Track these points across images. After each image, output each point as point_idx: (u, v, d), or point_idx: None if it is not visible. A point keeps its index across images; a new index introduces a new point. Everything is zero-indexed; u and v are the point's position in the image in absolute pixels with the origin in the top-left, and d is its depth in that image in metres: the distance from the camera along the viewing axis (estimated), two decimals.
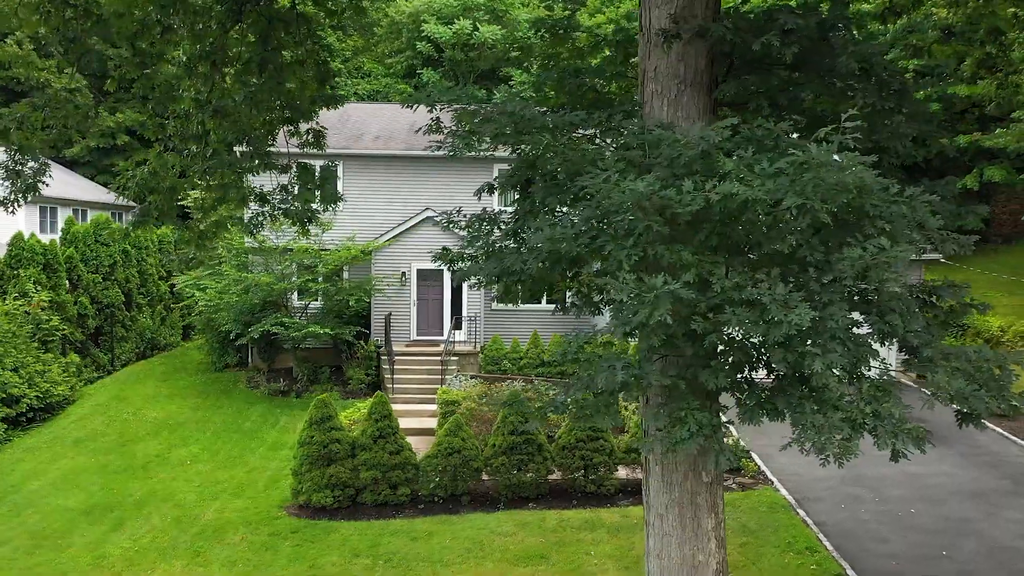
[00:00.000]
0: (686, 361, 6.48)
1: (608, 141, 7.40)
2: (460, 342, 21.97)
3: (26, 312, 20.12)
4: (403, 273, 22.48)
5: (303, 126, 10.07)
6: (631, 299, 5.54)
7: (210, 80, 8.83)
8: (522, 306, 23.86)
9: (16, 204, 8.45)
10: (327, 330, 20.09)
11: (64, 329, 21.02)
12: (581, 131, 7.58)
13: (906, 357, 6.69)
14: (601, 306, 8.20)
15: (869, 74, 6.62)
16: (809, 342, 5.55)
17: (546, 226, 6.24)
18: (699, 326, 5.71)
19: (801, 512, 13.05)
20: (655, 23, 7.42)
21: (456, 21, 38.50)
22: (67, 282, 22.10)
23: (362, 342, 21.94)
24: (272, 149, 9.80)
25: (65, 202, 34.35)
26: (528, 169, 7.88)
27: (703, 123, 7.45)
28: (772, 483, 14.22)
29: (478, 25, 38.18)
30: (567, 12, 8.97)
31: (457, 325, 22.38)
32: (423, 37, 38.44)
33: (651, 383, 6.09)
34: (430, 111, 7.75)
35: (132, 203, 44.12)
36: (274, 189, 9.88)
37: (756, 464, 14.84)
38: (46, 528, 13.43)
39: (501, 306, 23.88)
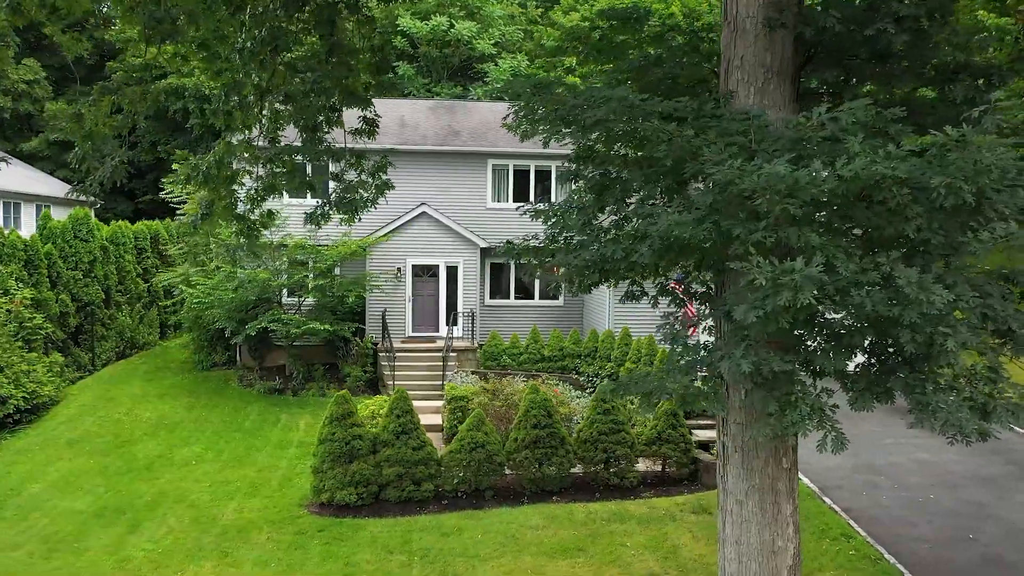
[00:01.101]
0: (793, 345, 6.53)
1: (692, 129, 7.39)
2: (457, 338, 21.82)
3: (8, 310, 19.35)
4: (398, 269, 22.25)
5: (352, 114, 9.87)
6: (769, 282, 5.55)
7: (270, 67, 8.59)
8: (515, 302, 23.88)
9: (94, 195, 8.20)
10: (327, 326, 19.76)
11: (48, 328, 20.27)
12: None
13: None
14: (710, 294, 8.11)
15: (967, 65, 6.76)
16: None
17: (664, 212, 6.22)
18: (829, 309, 5.75)
19: (827, 500, 13.29)
20: (743, 11, 7.45)
21: (432, 17, 38.25)
22: (47, 279, 21.31)
23: (357, 339, 21.65)
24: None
25: (27, 197, 33.21)
26: (606, 158, 7.87)
27: (790, 112, 7.54)
28: None
29: (454, 22, 37.98)
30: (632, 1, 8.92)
31: (453, 321, 22.23)
32: (398, 31, 38.07)
33: (773, 368, 6.11)
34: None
35: (94, 199, 42.56)
36: (339, 174, 9.62)
37: None
38: (58, 532, 12.93)
39: (495, 302, 23.85)
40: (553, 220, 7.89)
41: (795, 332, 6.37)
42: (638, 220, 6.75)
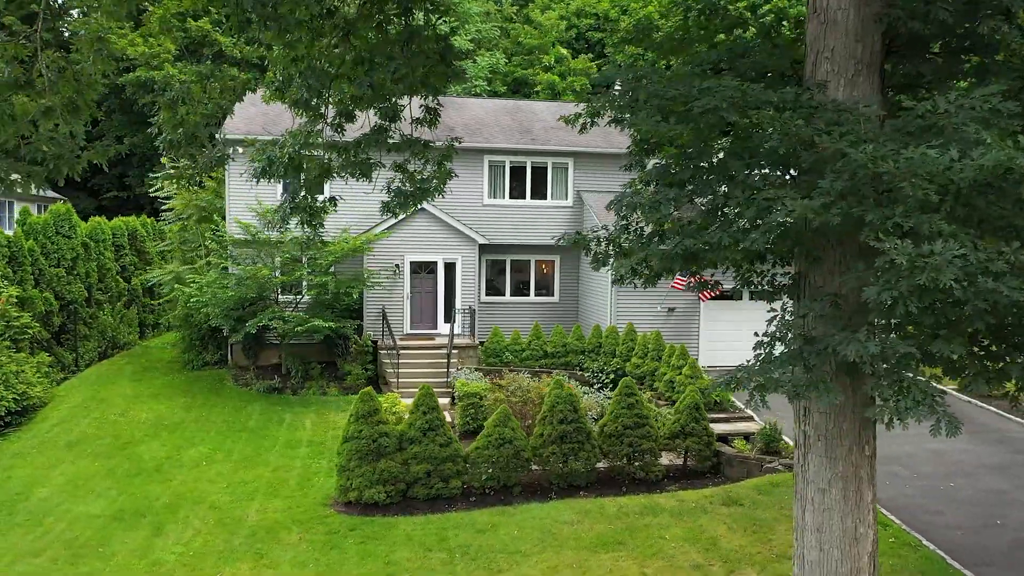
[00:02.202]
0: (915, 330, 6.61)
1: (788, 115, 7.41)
2: (457, 335, 21.64)
3: None
4: (396, 265, 21.99)
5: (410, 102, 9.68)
6: (908, 263, 5.59)
7: (342, 54, 8.38)
8: (511, 299, 23.83)
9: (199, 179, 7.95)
10: (330, 324, 19.42)
11: (35, 327, 19.53)
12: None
13: None
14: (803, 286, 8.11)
15: None
16: None
17: (789, 198, 6.23)
18: (962, 293, 5.82)
19: None
20: (834, 3, 7.51)
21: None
22: (31, 277, 20.54)
23: (356, 336, 21.33)
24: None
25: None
26: (701, 150, 7.85)
27: (876, 103, 7.62)
28: None
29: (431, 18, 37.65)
30: None
31: (451, 318, 22.06)
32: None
33: (898, 351, 6.17)
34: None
35: (58, 195, 41.32)
36: (403, 164, 9.42)
37: (793, 446, 15.22)
38: (78, 537, 12.45)
39: (490, 299, 23.76)
40: (644, 210, 7.83)
41: (917, 317, 6.43)
42: (750, 209, 6.73)
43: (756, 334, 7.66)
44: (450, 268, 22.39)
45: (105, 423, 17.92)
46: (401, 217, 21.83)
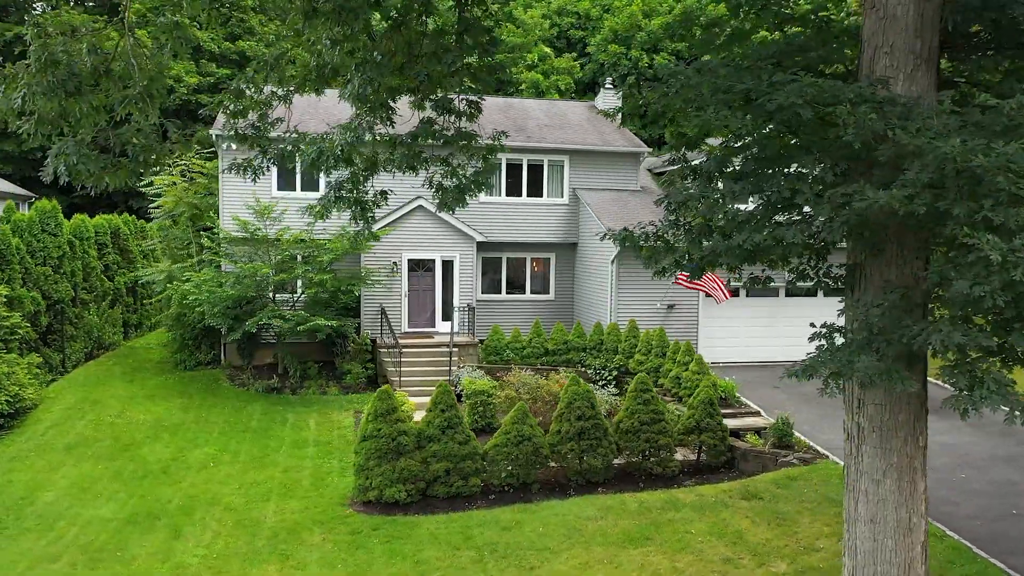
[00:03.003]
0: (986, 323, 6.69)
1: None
2: (456, 333, 21.52)
3: None
4: (394, 263, 21.80)
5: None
6: (1001, 259, 5.66)
7: (394, 46, 8.25)
8: (507, 296, 23.79)
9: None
10: (332, 322, 19.16)
11: (25, 327, 18.99)
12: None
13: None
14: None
15: None
16: None
17: (870, 190, 6.27)
18: None
19: None
20: None
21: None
22: (19, 275, 19.96)
23: (355, 334, 21.10)
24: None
25: None
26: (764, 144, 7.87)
27: (932, 99, 7.72)
28: (827, 457, 14.84)
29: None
30: None
31: (449, 316, 21.94)
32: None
33: (981, 344, 6.25)
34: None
35: (29, 193, 40.26)
36: (447, 157, 9.31)
37: (805, 440, 15.42)
38: (94, 541, 12.12)
39: (486, 296, 23.68)
40: (702, 204, 7.83)
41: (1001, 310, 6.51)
42: (821, 202, 6.76)
43: (819, 325, 7.71)
44: (448, 266, 22.26)
45: (102, 425, 17.48)
46: (400, 215, 21.68)
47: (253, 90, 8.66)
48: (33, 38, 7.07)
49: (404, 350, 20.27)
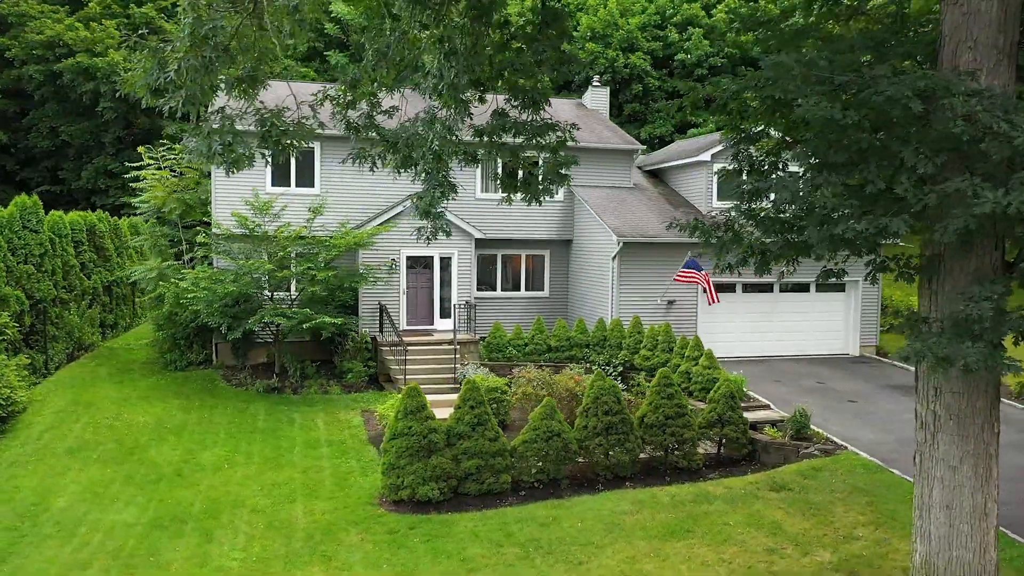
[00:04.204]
0: None
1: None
2: (457, 330, 21.33)
3: None
4: (392, 260, 21.52)
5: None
6: None
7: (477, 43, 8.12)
8: (502, 293, 23.71)
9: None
10: (337, 320, 18.81)
11: (13, 328, 18.22)
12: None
13: None
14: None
15: None
16: None
17: (989, 190, 6.38)
18: None
19: (895, 471, 13.99)
20: None
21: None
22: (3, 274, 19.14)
23: (353, 333, 20.76)
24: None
25: None
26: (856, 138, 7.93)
27: (1012, 92, 7.89)
28: (846, 448, 15.11)
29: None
30: None
31: (450, 313, 21.75)
32: (332, 19, 36.79)
33: None
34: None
35: None
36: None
37: (822, 432, 15.66)
38: (122, 547, 11.66)
39: (482, 294, 23.55)
40: (788, 195, 7.87)
41: None
42: (929, 197, 6.86)
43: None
44: (446, 263, 22.06)
45: (101, 428, 16.86)
46: (398, 210, 21.42)
47: (367, 78, 8.43)
48: (186, 11, 6.77)
49: (398, 348, 19.99)
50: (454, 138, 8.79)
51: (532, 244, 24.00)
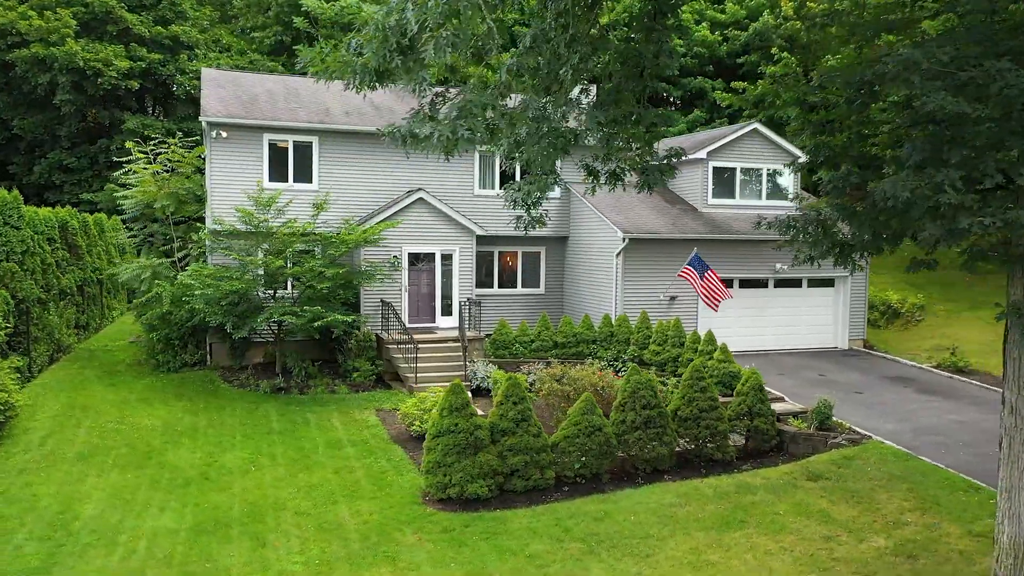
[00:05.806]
0: None
1: None
2: (459, 328, 21.13)
3: None
4: (395, 257, 21.17)
5: None
6: None
7: (586, 25, 8.03)
8: (499, 291, 23.62)
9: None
10: (349, 318, 18.40)
11: (6, 328, 17.28)
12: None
13: None
14: None
15: None
16: None
17: None
18: None
19: (925, 458, 14.41)
20: None
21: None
22: None
23: (357, 331, 20.36)
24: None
25: None
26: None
27: None
28: (871, 437, 15.49)
29: (363, 3, 36.51)
30: None
31: (452, 310, 21.54)
32: (301, 12, 35.99)
33: None
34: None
35: None
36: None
37: (846, 423, 16.02)
38: (172, 553, 11.17)
39: (480, 291, 23.39)
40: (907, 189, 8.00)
41: None
42: None
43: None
44: (446, 260, 21.83)
45: (107, 432, 16.14)
46: (400, 207, 21.11)
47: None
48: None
49: (405, 345, 19.68)
50: (568, 126, 8.66)
51: (528, 241, 23.95)
